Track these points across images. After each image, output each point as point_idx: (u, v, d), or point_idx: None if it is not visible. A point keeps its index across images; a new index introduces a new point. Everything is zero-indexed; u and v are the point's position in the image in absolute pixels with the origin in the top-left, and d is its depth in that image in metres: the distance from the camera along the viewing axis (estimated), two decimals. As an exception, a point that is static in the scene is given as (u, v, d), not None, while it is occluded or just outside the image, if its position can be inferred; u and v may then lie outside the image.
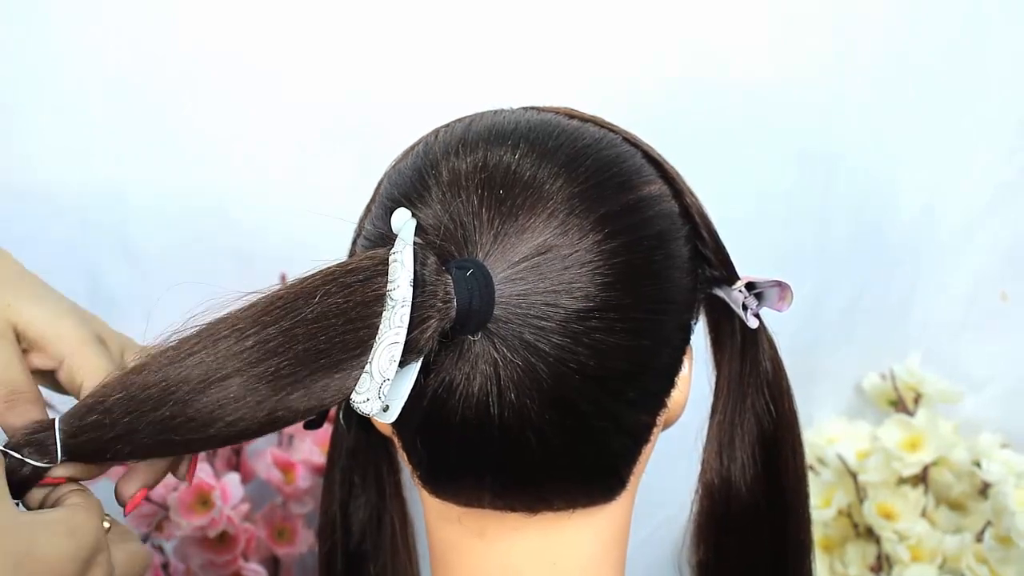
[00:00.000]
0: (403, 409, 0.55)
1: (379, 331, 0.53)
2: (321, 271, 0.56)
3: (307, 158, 1.10)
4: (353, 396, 0.53)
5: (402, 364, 0.54)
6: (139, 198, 1.07)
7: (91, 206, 1.07)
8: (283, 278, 1.04)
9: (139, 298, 1.07)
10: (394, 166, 0.67)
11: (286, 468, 1.06)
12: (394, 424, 0.62)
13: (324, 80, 1.10)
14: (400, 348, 0.53)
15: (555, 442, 0.58)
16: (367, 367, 0.53)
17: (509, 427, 0.57)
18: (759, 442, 0.73)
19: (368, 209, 0.68)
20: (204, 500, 1.00)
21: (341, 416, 0.75)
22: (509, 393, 0.56)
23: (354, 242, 0.69)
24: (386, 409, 0.54)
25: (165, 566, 1.05)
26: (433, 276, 0.54)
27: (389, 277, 0.54)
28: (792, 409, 0.75)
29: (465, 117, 0.67)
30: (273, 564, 1.10)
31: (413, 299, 0.53)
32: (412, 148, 0.67)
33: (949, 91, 1.22)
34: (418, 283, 0.54)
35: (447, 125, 0.66)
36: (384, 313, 0.53)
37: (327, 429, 0.98)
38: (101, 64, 1.05)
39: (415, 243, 0.55)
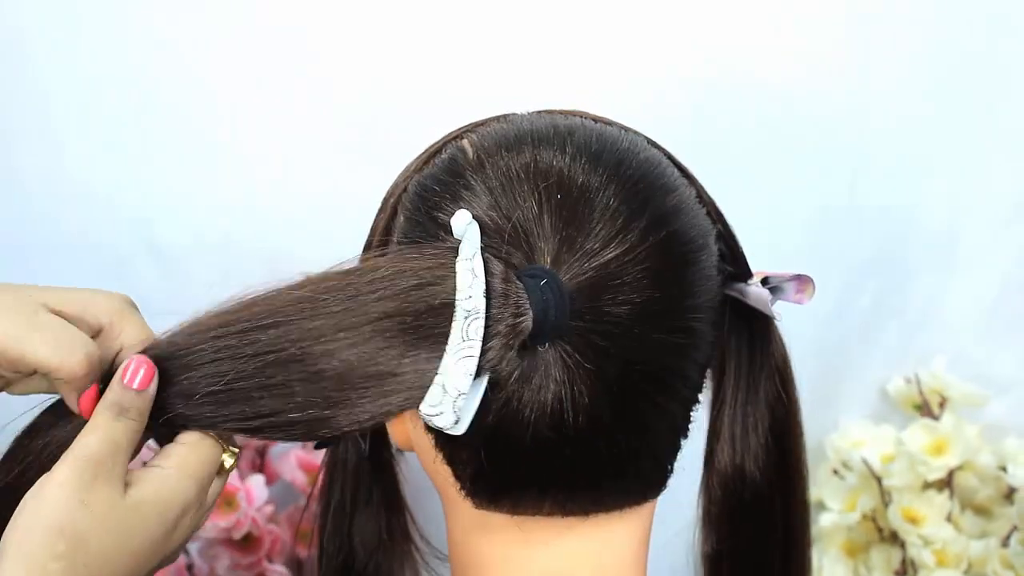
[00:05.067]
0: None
1: (449, 342, 0.53)
2: (375, 265, 0.56)
3: (333, 157, 1.11)
4: (424, 408, 0.53)
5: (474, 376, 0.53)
6: (165, 198, 1.08)
7: (117, 206, 1.08)
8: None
9: (165, 297, 1.08)
10: (416, 171, 0.65)
11: (310, 470, 1.07)
12: (443, 440, 0.61)
13: (350, 80, 1.11)
14: (475, 362, 0.52)
15: (621, 445, 0.59)
16: (438, 379, 0.53)
17: (582, 434, 0.57)
18: (772, 430, 0.74)
19: (381, 221, 0.67)
20: (229, 501, 1.01)
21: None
22: (583, 400, 0.56)
23: (366, 249, 0.68)
24: (457, 422, 0.53)
25: (190, 567, 1.06)
26: (502, 285, 0.54)
27: (458, 285, 0.53)
28: (798, 398, 0.76)
29: (485, 121, 0.66)
30: (297, 566, 1.10)
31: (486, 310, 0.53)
32: (433, 154, 0.65)
33: (972, 97, 1.21)
34: (488, 293, 0.53)
35: (471, 130, 0.66)
36: (454, 324, 0.53)
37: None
38: (127, 65, 1.06)
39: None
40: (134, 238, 1.09)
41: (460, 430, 0.54)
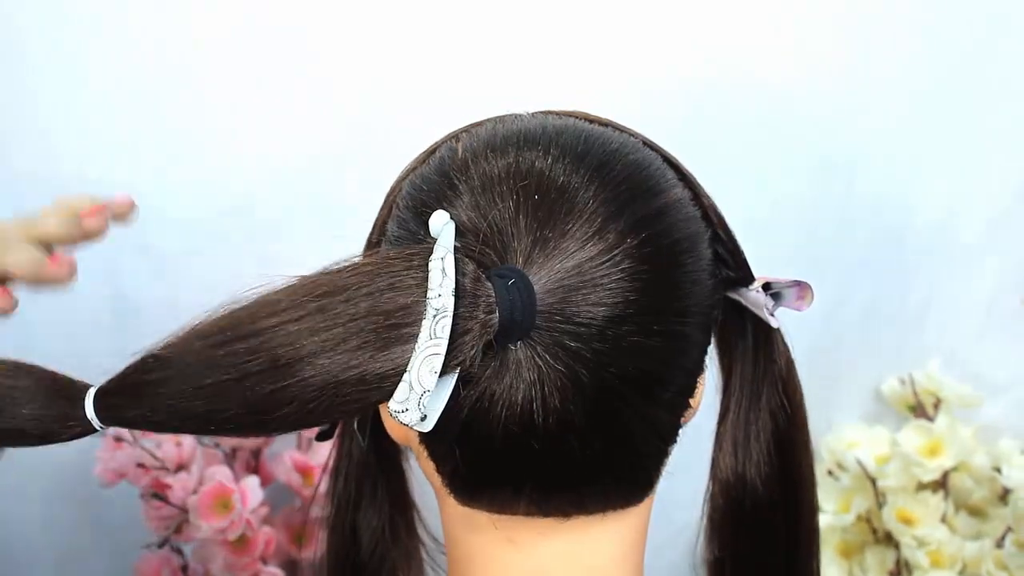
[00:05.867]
0: (439, 419, 0.54)
1: (419, 339, 0.53)
2: (354, 266, 0.55)
3: (332, 157, 1.11)
4: (392, 405, 0.53)
5: (441, 374, 0.53)
6: (159, 201, 1.07)
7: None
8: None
9: (160, 301, 1.08)
10: (413, 170, 0.66)
11: (305, 472, 1.07)
12: (423, 435, 0.61)
13: (350, 80, 1.10)
14: (441, 360, 0.52)
15: (596, 447, 0.58)
16: (406, 376, 0.53)
17: (553, 435, 0.56)
18: (774, 440, 0.73)
19: (382, 218, 0.68)
20: (224, 503, 1.01)
21: (354, 424, 0.75)
22: (553, 400, 0.56)
23: (368, 246, 0.69)
24: (424, 419, 0.53)
25: (184, 568, 1.06)
26: (473, 284, 0.54)
27: (429, 284, 0.53)
28: (804, 406, 0.75)
29: (483, 121, 0.66)
30: (291, 567, 1.10)
31: (454, 309, 0.53)
32: (430, 153, 0.66)
33: (968, 97, 1.22)
34: (458, 292, 0.53)
35: (466, 130, 0.66)
36: (424, 322, 0.53)
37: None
38: (125, 65, 1.06)
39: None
40: (127, 242, 1.08)
41: (427, 427, 0.53)
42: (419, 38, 1.10)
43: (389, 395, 0.53)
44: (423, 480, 0.68)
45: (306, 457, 1.08)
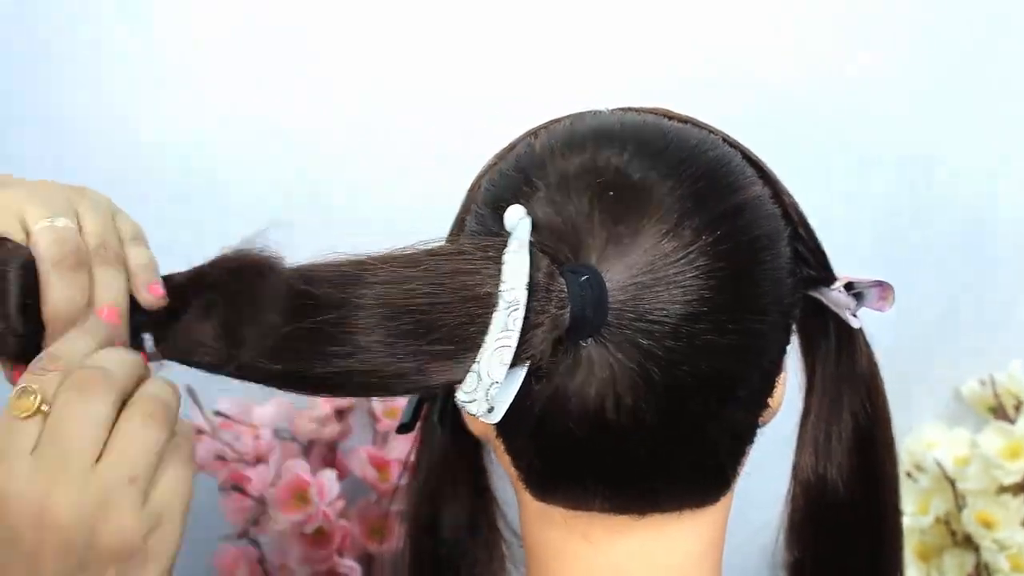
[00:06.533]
0: (513, 414, 0.54)
1: (489, 331, 0.53)
2: (430, 250, 0.56)
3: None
4: (459, 395, 0.54)
5: (510, 366, 0.53)
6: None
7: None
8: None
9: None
10: (493, 166, 0.66)
11: (381, 466, 1.08)
12: (500, 429, 0.62)
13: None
14: (511, 352, 0.53)
15: (668, 445, 0.58)
16: (475, 367, 0.53)
17: (625, 432, 0.57)
18: (855, 440, 0.73)
19: (461, 215, 0.68)
20: (301, 496, 1.02)
21: (435, 417, 0.76)
22: (626, 398, 0.56)
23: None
24: (491, 411, 0.54)
25: (261, 561, 1.07)
26: (546, 280, 0.54)
27: (502, 277, 0.54)
28: (886, 407, 0.75)
29: (561, 118, 0.66)
30: (367, 561, 1.11)
31: (527, 303, 0.53)
32: (508, 150, 0.66)
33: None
34: (531, 286, 0.54)
35: (545, 127, 0.66)
36: (495, 314, 0.53)
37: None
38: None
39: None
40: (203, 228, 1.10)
41: (494, 419, 0.54)
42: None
43: (451, 382, 0.54)
44: (503, 474, 0.69)
45: (382, 452, 1.09)
